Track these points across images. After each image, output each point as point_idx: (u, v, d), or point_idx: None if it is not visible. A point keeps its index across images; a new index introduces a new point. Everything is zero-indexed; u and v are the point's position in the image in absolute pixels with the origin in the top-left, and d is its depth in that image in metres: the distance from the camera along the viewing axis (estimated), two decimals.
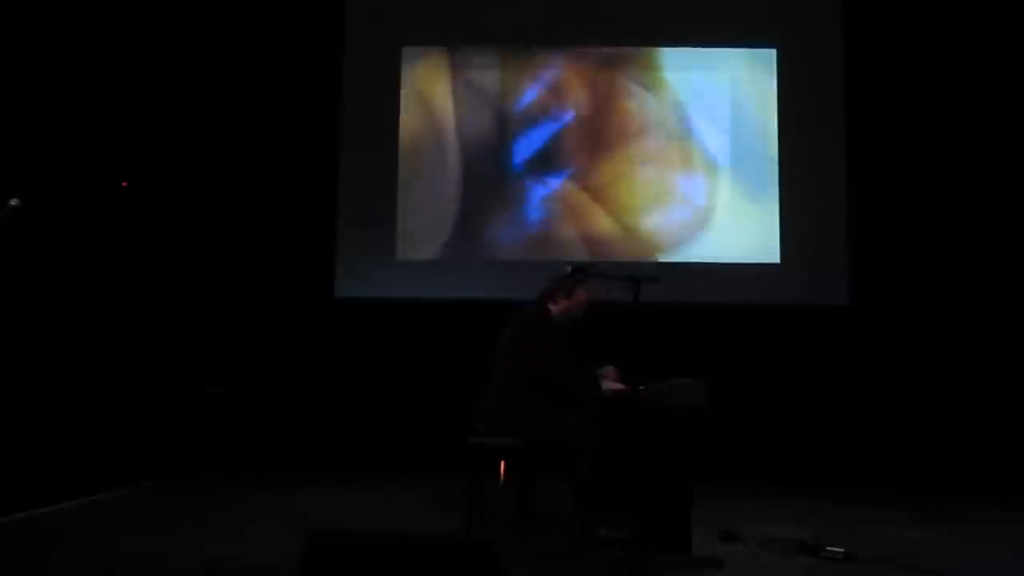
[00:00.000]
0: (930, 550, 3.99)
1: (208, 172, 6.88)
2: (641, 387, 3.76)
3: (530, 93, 6.94)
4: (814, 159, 6.79)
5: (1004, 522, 4.84)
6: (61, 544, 4.00)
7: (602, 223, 6.81)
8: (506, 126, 6.92)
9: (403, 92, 6.97)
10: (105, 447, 5.86)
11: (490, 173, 6.89)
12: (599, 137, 6.89)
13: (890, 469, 6.27)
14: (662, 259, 6.69)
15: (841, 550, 3.78)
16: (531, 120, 6.92)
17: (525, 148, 6.90)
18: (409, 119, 6.95)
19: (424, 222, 6.87)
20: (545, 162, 6.88)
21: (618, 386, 3.93)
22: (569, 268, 4.07)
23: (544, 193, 6.85)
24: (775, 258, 6.73)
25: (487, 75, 6.97)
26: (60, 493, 4.88)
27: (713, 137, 6.85)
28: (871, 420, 6.46)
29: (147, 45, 6.73)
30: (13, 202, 4.10)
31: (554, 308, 4.05)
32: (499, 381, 3.92)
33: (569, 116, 6.92)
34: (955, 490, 5.85)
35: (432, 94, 6.98)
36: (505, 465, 3.87)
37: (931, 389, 6.46)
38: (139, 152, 6.70)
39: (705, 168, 6.83)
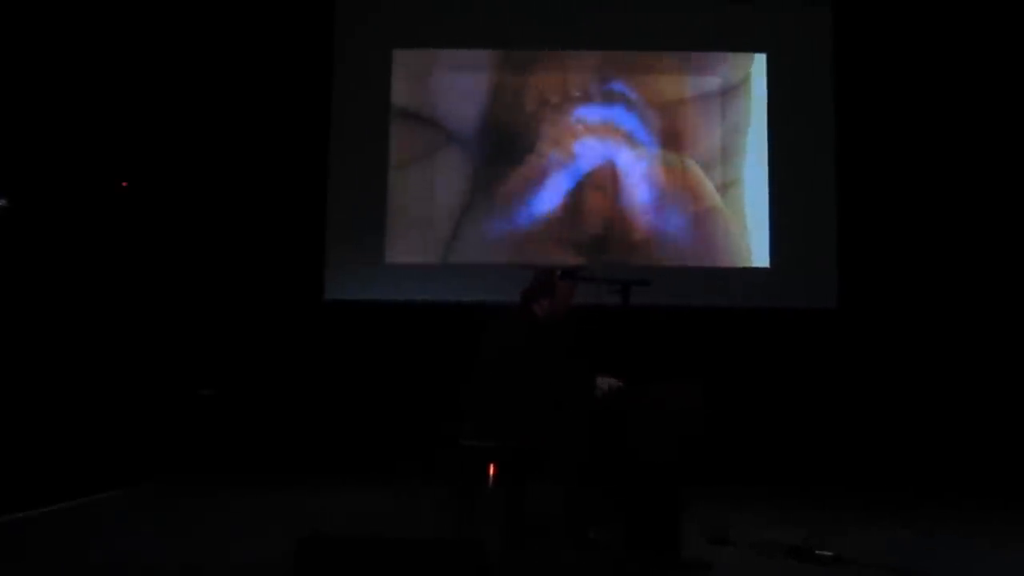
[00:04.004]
0: (920, 552, 4.00)
1: (198, 175, 6.86)
2: (632, 389, 3.76)
3: (521, 96, 6.94)
4: (803, 164, 6.82)
5: (994, 523, 4.85)
6: (53, 546, 3.97)
7: (593, 227, 6.82)
8: (496, 129, 6.92)
9: (393, 94, 6.96)
10: (97, 450, 5.82)
11: (480, 176, 6.89)
12: (591, 140, 6.89)
13: (880, 471, 6.30)
14: (652, 263, 6.70)
15: (831, 553, 3.78)
16: (523, 123, 6.92)
17: (517, 151, 6.89)
18: (399, 121, 6.94)
19: (413, 225, 6.87)
20: (536, 165, 6.88)
21: (614, 381, 3.89)
22: (559, 271, 4.06)
23: (534, 197, 6.85)
24: (765, 262, 6.76)
25: (477, 78, 6.97)
26: (52, 496, 4.84)
27: (703, 142, 6.87)
28: (860, 422, 6.49)
29: (141, 47, 6.69)
30: (1, 202, 4.08)
31: (537, 308, 4.02)
32: (487, 383, 3.90)
33: (561, 119, 6.92)
34: (945, 492, 5.87)
35: (422, 97, 6.97)
36: (495, 468, 3.85)
37: (920, 391, 6.50)
38: (129, 155, 6.66)
39: (695, 172, 6.85)
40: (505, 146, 6.91)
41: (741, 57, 6.94)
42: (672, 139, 6.88)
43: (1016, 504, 5.47)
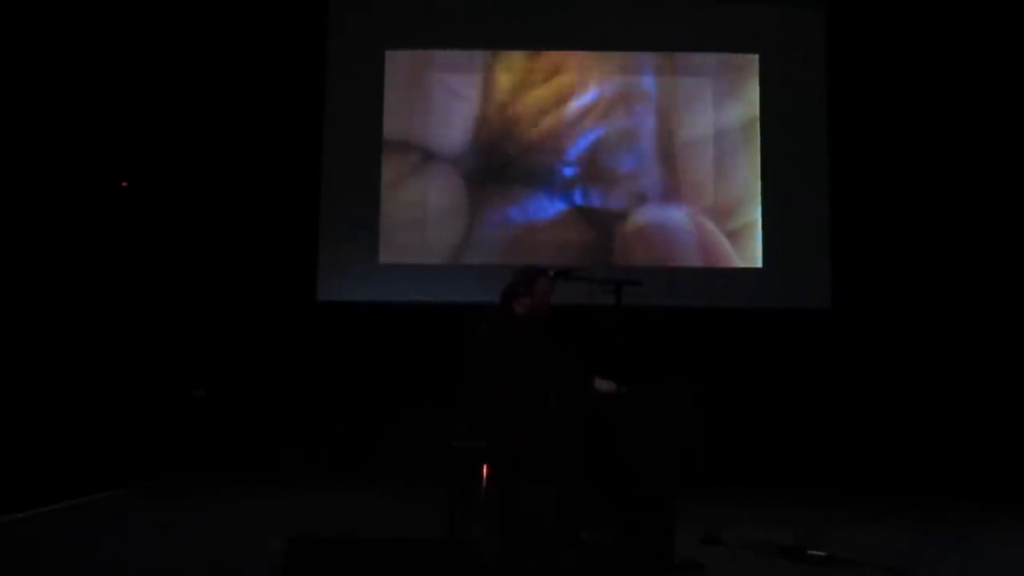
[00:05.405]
0: (913, 553, 4.01)
1: (191, 176, 6.84)
2: (626, 389, 3.76)
3: (513, 97, 6.94)
4: (796, 164, 6.82)
5: (986, 523, 4.86)
6: (52, 546, 3.96)
7: (586, 227, 6.81)
8: (489, 130, 6.91)
9: (386, 95, 6.94)
10: (88, 452, 5.80)
11: (473, 177, 6.88)
12: (582, 140, 6.89)
13: (874, 471, 6.31)
14: (646, 263, 6.70)
15: (824, 553, 3.79)
16: (514, 124, 6.91)
17: (509, 151, 6.89)
18: (392, 122, 6.93)
19: (406, 226, 6.85)
20: (529, 166, 6.88)
21: (609, 386, 3.89)
22: (552, 271, 4.06)
23: (527, 197, 6.85)
24: (758, 262, 6.76)
25: (470, 79, 6.96)
26: (43, 497, 4.83)
27: (696, 142, 6.87)
28: (854, 422, 6.50)
29: (139, 50, 6.66)
30: None
31: (519, 307, 4.01)
32: (477, 384, 3.89)
33: (553, 120, 6.91)
34: (937, 492, 5.89)
35: (415, 98, 6.96)
36: (488, 468, 3.84)
37: (914, 391, 6.51)
38: (125, 156, 6.65)
39: (688, 173, 6.85)
40: (501, 147, 6.90)
41: (734, 58, 6.94)
42: (667, 139, 6.88)
43: (1011, 504, 5.49)
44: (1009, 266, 6.55)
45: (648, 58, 6.95)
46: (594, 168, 6.87)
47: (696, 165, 6.85)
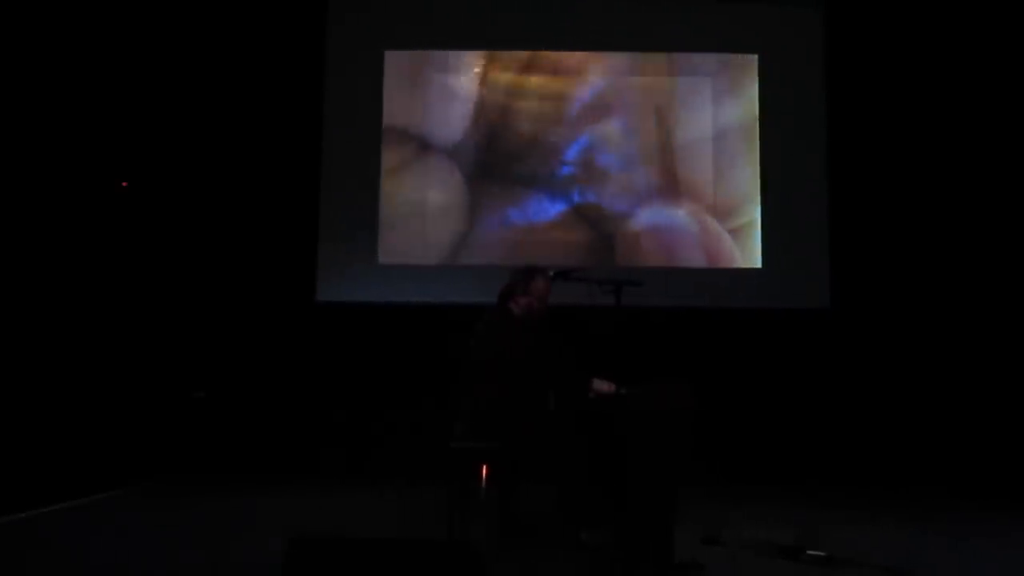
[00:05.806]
0: (913, 552, 4.01)
1: (191, 178, 6.85)
2: (625, 390, 3.76)
3: (512, 97, 6.94)
4: (795, 164, 6.83)
5: (984, 523, 4.87)
6: (42, 549, 3.95)
7: (586, 228, 6.82)
8: (489, 130, 6.92)
9: (385, 96, 6.95)
10: (88, 452, 5.80)
11: (473, 177, 6.88)
12: (581, 141, 6.90)
13: (873, 470, 6.31)
14: (648, 264, 6.70)
15: (823, 553, 3.79)
16: (514, 124, 6.92)
17: (508, 152, 6.89)
18: (392, 123, 6.94)
19: (406, 226, 6.86)
20: (528, 166, 6.88)
21: (607, 386, 3.90)
22: (552, 272, 4.07)
23: (527, 197, 6.85)
24: (757, 262, 6.77)
25: (470, 79, 6.97)
26: (43, 497, 4.83)
27: (696, 142, 6.87)
28: (852, 422, 6.50)
29: (139, 51, 6.66)
30: None
31: (516, 307, 4.02)
32: (476, 385, 3.90)
33: (552, 120, 6.92)
34: (937, 491, 5.89)
35: (415, 98, 6.96)
36: (487, 468, 3.84)
37: (911, 390, 6.52)
38: (125, 157, 6.65)
39: (688, 173, 6.85)
40: (500, 148, 6.91)
41: (733, 58, 6.95)
42: (666, 139, 6.88)
43: (1010, 504, 5.49)
44: (1008, 266, 6.56)
45: (647, 58, 6.96)
46: (593, 168, 6.88)
47: (695, 165, 6.85)
